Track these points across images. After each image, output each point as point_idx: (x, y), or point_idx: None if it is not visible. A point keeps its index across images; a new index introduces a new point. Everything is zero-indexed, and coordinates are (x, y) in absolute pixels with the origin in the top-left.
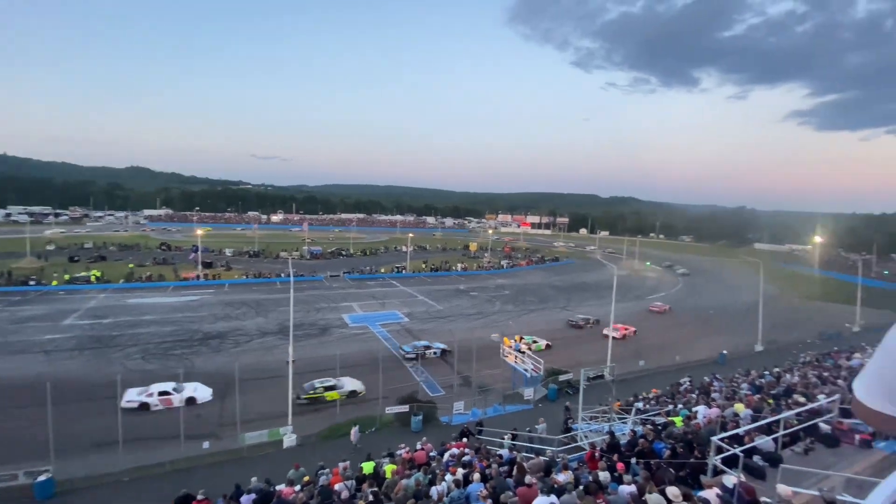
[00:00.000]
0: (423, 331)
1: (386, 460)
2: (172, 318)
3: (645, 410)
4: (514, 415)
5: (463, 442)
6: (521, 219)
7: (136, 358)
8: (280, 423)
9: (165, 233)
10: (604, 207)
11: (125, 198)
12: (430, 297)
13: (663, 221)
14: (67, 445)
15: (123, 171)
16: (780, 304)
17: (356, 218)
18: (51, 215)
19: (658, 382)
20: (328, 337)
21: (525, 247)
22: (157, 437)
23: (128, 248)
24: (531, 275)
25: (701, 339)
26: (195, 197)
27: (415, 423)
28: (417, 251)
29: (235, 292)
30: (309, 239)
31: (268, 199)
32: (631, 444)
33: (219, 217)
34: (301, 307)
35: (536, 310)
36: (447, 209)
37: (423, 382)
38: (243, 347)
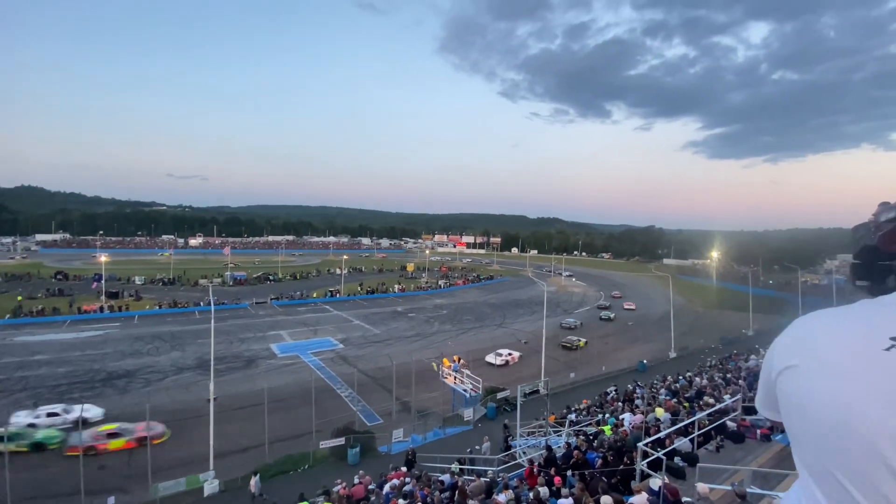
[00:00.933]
0: (358, 357)
1: (321, 499)
2: (69, 356)
3: (578, 422)
4: (456, 437)
5: (402, 471)
6: (457, 239)
7: (27, 404)
8: (200, 468)
9: (62, 260)
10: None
11: (13, 221)
12: (367, 320)
13: (585, 240)
14: None
15: (11, 191)
16: (687, 313)
17: (285, 240)
18: None
19: (588, 392)
20: (254, 369)
21: (462, 266)
22: (52, 495)
23: (16, 277)
24: (468, 293)
25: (623, 349)
26: (99, 219)
27: (351, 456)
28: (353, 273)
29: (146, 325)
30: (232, 264)
31: (185, 222)
32: (566, 456)
33: (127, 242)
34: (223, 338)
35: (474, 328)
36: (383, 230)
37: (359, 411)
38: (155, 386)
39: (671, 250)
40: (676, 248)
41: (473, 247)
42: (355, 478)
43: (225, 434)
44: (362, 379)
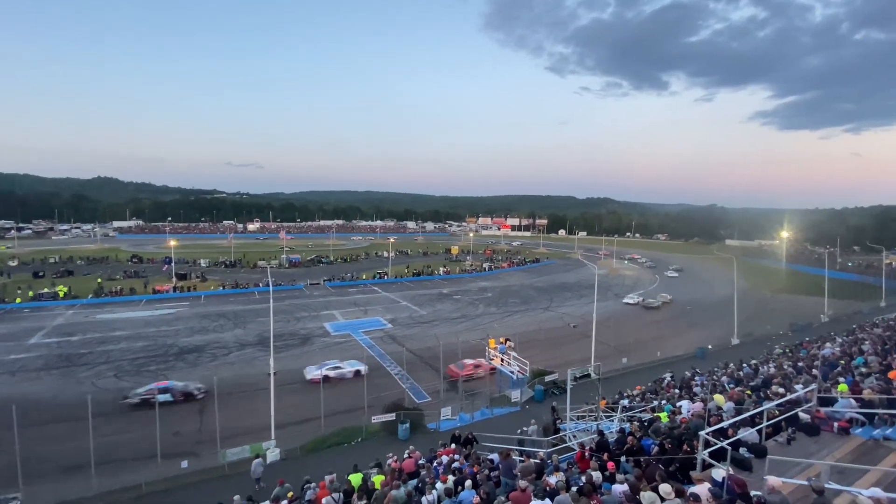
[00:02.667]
0: (406, 336)
1: (374, 471)
2: (145, 332)
3: (630, 407)
4: (503, 418)
5: (452, 448)
6: (502, 221)
7: (108, 376)
8: (263, 437)
9: (136, 245)
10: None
11: (92, 210)
12: (413, 302)
13: (638, 221)
14: (37, 470)
15: (90, 182)
16: (752, 297)
17: (335, 224)
18: (13, 230)
19: (641, 379)
20: (310, 346)
21: (506, 249)
22: (132, 457)
23: (96, 261)
24: (513, 277)
25: (680, 335)
26: (167, 207)
27: (402, 432)
28: (399, 256)
29: (212, 304)
30: (287, 247)
31: (244, 208)
32: (619, 442)
33: (192, 227)
34: (281, 317)
35: (520, 311)
36: (427, 213)
37: (408, 389)
38: (221, 361)
39: (735, 231)
40: (741, 228)
41: (518, 229)
42: (406, 452)
43: (284, 406)
44: (410, 358)
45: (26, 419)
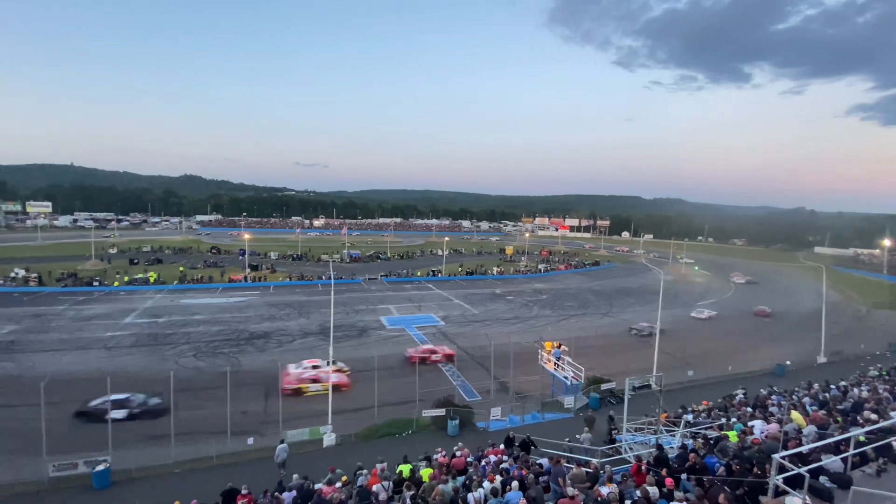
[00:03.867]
0: (458, 334)
1: (422, 464)
2: (221, 317)
3: (695, 423)
4: (554, 423)
5: (500, 448)
6: (560, 222)
7: (188, 355)
8: (320, 422)
9: (215, 237)
10: (648, 210)
11: (179, 204)
12: (466, 300)
13: (712, 224)
14: (124, 437)
15: (178, 179)
16: (844, 312)
17: (393, 222)
18: (113, 221)
19: (708, 394)
20: (366, 338)
21: (564, 250)
22: (206, 431)
23: (181, 251)
24: (570, 279)
25: (756, 349)
26: (243, 203)
27: (451, 428)
28: (453, 255)
29: (279, 294)
30: (348, 243)
31: (310, 205)
32: (681, 458)
33: (264, 222)
34: (341, 309)
35: (576, 315)
36: (483, 213)
37: (458, 386)
38: (286, 347)
39: (826, 237)
40: (833, 234)
41: (577, 230)
42: (455, 449)
43: (340, 394)
44: (461, 355)
45: (117, 390)
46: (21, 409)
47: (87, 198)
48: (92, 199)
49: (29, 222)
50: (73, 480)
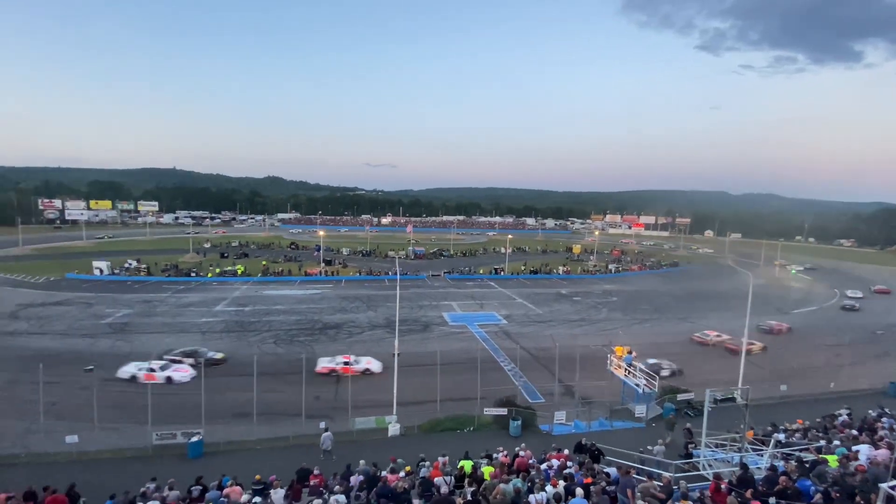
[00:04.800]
0: (521, 334)
1: (484, 461)
2: (298, 308)
3: (787, 444)
4: (623, 432)
5: (565, 453)
6: (633, 219)
7: (270, 342)
8: (386, 411)
9: (294, 234)
10: (735, 206)
11: (263, 204)
12: (530, 300)
13: (814, 222)
14: (214, 413)
15: (262, 180)
16: None
17: (456, 220)
18: (208, 219)
19: (805, 412)
20: (429, 334)
21: (637, 250)
22: (283, 413)
23: (264, 246)
24: (644, 280)
25: (865, 365)
26: (318, 202)
27: (513, 428)
28: (516, 253)
29: (350, 287)
30: (413, 240)
31: (378, 203)
32: (769, 480)
33: (337, 220)
34: (405, 304)
35: (651, 320)
36: (549, 210)
37: (521, 387)
38: (355, 338)
39: None
40: None
41: (654, 228)
42: (517, 449)
43: (404, 386)
44: (524, 356)
45: (210, 371)
46: (129, 383)
47: (186, 198)
48: (190, 198)
49: (140, 219)
50: (171, 449)
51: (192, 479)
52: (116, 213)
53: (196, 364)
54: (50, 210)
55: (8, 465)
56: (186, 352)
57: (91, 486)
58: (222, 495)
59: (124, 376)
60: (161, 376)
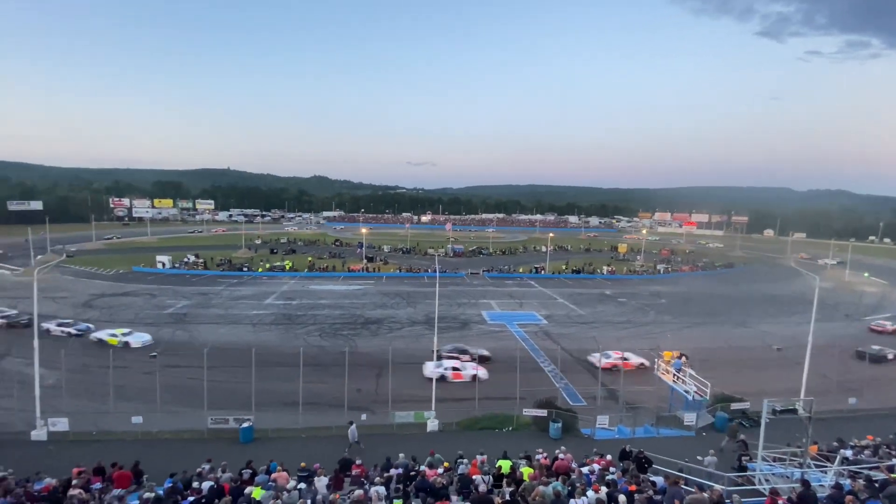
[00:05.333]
0: (562, 335)
1: (523, 462)
2: (341, 303)
3: (855, 461)
4: (671, 440)
5: (608, 459)
6: (684, 217)
7: (315, 335)
8: (424, 406)
9: (338, 231)
10: (799, 203)
11: (309, 202)
12: (571, 300)
13: (891, 220)
14: (264, 400)
15: (309, 180)
16: None
17: (496, 217)
18: (258, 216)
19: (877, 428)
20: (468, 331)
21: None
22: (326, 403)
23: (311, 243)
24: (696, 282)
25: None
26: (361, 200)
27: (553, 430)
28: (558, 251)
29: (391, 284)
30: (452, 238)
31: (418, 202)
32: (833, 499)
33: (379, 217)
34: (444, 301)
35: (703, 324)
36: (592, 207)
37: (562, 389)
38: (396, 333)
39: None
40: None
41: (707, 227)
42: (557, 452)
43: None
44: (565, 357)
45: (259, 361)
46: (189, 369)
47: (239, 196)
48: (243, 197)
49: (198, 217)
50: (224, 433)
51: (243, 462)
52: (177, 211)
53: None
54: (119, 208)
55: (81, 442)
56: (459, 349)
57: (152, 464)
58: (270, 479)
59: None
60: (467, 375)
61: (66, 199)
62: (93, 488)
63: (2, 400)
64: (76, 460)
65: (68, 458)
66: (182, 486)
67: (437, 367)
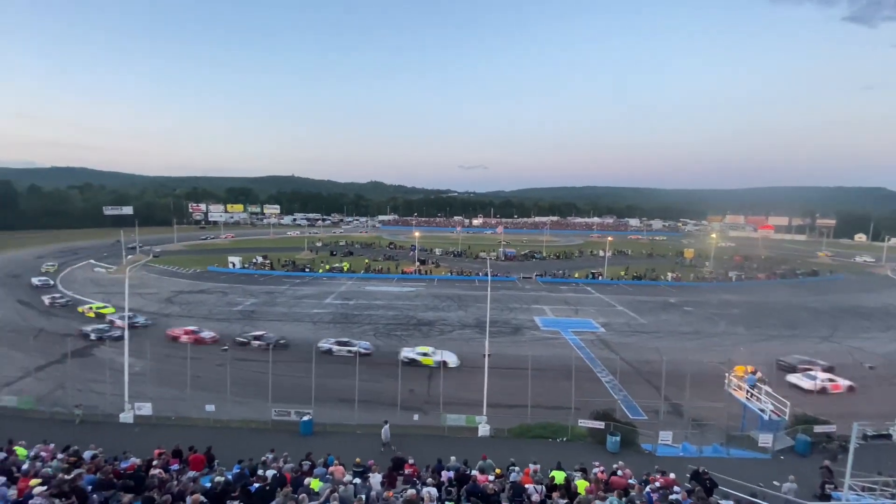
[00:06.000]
0: (621, 344)
1: (578, 474)
2: (395, 304)
3: None
4: (742, 462)
5: (671, 477)
6: (760, 220)
7: (370, 334)
8: (475, 411)
9: (392, 234)
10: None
11: (366, 207)
12: (632, 308)
13: None
14: (322, 396)
15: (365, 185)
16: None
17: (549, 220)
18: (319, 220)
19: None
20: (520, 337)
21: (766, 256)
22: (380, 402)
23: (367, 246)
24: (774, 291)
25: None
26: (414, 204)
27: (611, 444)
28: (617, 256)
29: (442, 287)
30: (504, 241)
31: (470, 205)
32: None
33: (431, 221)
34: (495, 305)
35: (781, 337)
36: (655, 209)
37: (620, 401)
38: (446, 336)
39: None
40: None
41: (787, 231)
42: (615, 466)
43: (494, 387)
44: (625, 368)
45: (318, 357)
46: (256, 363)
47: (302, 202)
48: (306, 202)
49: (265, 221)
50: (286, 425)
51: (302, 453)
52: (247, 215)
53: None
54: (197, 213)
55: (162, 426)
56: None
57: (222, 449)
58: (328, 472)
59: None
60: None
61: (152, 205)
62: (171, 469)
63: (96, 385)
64: (157, 442)
65: (151, 440)
66: (248, 473)
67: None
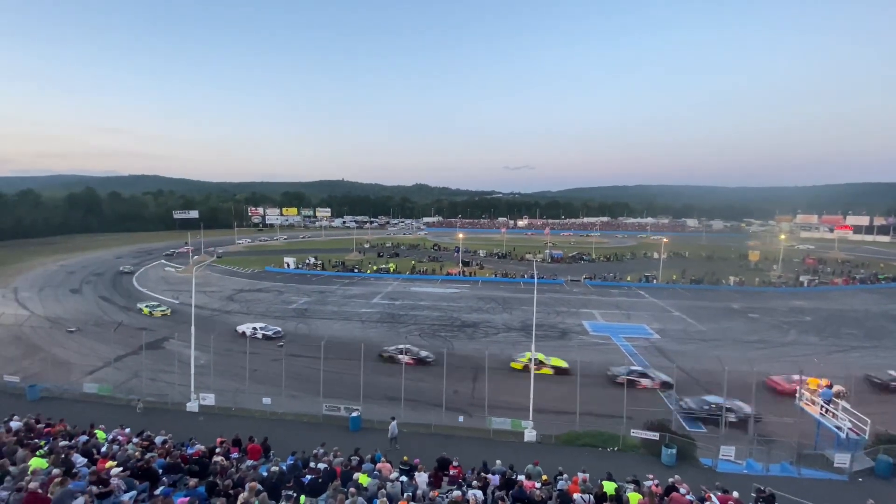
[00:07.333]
0: (678, 352)
1: (630, 486)
2: (439, 305)
3: None
4: (815, 483)
5: (734, 496)
6: (836, 220)
7: (415, 334)
8: (521, 415)
9: (437, 236)
10: None
11: (411, 209)
12: (689, 313)
13: None
14: (370, 393)
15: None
16: None
17: (599, 221)
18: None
19: None
20: (568, 341)
21: (843, 259)
22: (427, 402)
23: (412, 247)
24: (852, 298)
25: None
26: (458, 206)
27: (666, 456)
28: (673, 258)
29: (486, 288)
30: (550, 243)
31: (515, 206)
32: None
33: (476, 223)
34: (542, 308)
35: (860, 348)
36: (715, 209)
37: (676, 412)
38: (491, 338)
39: None
40: None
41: (868, 231)
42: (671, 480)
43: (541, 392)
44: (682, 377)
45: (368, 355)
46: (308, 359)
47: (351, 205)
48: (355, 205)
49: (317, 223)
50: (336, 420)
51: (351, 448)
52: (300, 218)
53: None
54: (255, 216)
55: (224, 416)
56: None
57: (277, 441)
58: (375, 469)
59: None
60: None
61: (216, 209)
62: (232, 457)
63: (166, 375)
64: (219, 431)
65: (213, 429)
66: (301, 465)
67: None
